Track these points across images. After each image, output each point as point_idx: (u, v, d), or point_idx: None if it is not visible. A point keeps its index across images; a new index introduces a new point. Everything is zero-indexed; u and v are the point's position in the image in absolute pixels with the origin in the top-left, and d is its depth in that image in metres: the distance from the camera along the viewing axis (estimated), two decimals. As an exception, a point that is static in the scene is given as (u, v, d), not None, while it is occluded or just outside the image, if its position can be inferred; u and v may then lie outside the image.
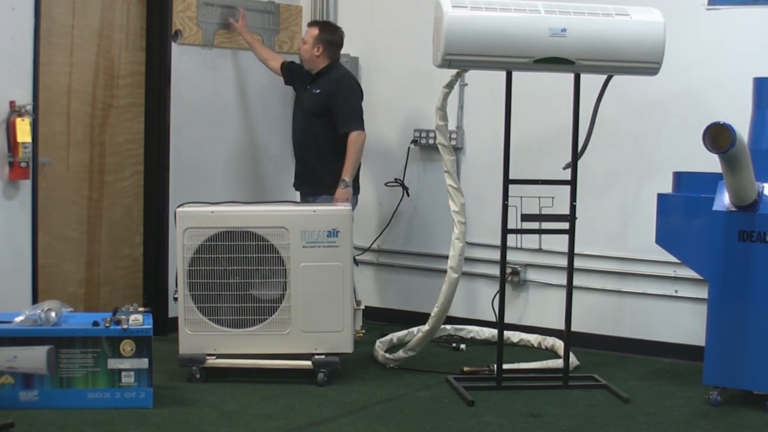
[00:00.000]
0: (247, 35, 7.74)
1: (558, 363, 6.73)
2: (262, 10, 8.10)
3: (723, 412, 6.03)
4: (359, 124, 7.23)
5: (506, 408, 6.03)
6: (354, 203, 7.21)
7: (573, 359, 6.78)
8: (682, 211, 6.43)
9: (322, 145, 7.29)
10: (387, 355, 6.91)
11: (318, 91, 7.28)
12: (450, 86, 6.39)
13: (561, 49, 6.03)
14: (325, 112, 7.24)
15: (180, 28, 7.43)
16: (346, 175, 7.16)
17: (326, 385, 6.34)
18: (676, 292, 7.21)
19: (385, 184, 8.09)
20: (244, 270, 6.36)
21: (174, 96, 7.44)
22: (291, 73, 7.65)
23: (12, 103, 6.28)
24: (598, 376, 6.60)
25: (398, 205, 8.10)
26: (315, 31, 7.35)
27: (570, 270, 6.47)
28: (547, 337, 7.44)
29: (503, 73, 6.25)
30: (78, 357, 5.72)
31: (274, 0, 8.21)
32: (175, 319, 6.47)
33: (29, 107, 6.34)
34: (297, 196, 7.58)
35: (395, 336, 7.35)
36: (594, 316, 7.43)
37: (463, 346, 7.46)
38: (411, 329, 7.38)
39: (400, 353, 6.85)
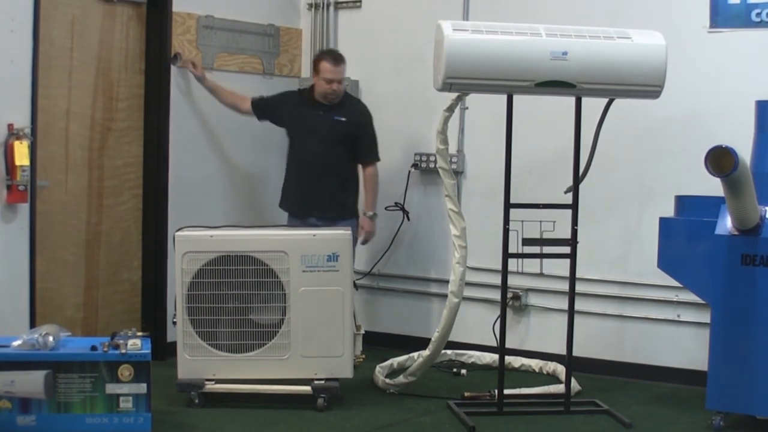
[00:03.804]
0: (208, 81, 7.59)
1: (559, 388, 6.69)
2: (262, 33, 8.10)
3: (726, 437, 6.00)
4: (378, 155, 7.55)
5: (508, 434, 5.99)
6: (354, 227, 7.27)
7: (575, 384, 6.74)
8: (684, 235, 6.41)
9: (342, 171, 7.42)
10: (387, 380, 6.87)
11: (343, 119, 7.35)
12: (451, 110, 6.37)
13: (562, 72, 6.01)
14: (349, 139, 7.37)
15: (179, 50, 7.43)
16: (374, 208, 7.48)
17: (326, 411, 6.30)
18: (678, 316, 7.18)
19: (386, 208, 8.05)
20: (243, 294, 6.32)
21: (173, 119, 7.42)
22: (265, 106, 7.62)
23: (10, 126, 6.25)
24: (600, 402, 6.55)
25: (398, 229, 8.08)
26: (345, 66, 7.42)
27: (571, 294, 6.43)
28: (549, 362, 7.40)
29: (504, 97, 6.23)
30: (76, 381, 5.67)
31: (274, 23, 8.21)
32: (174, 344, 6.43)
33: (27, 130, 6.32)
34: (284, 219, 7.59)
35: (395, 361, 7.31)
36: (596, 340, 7.38)
37: (464, 371, 7.42)
38: (411, 354, 7.34)
39: (401, 378, 6.81)
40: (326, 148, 7.34)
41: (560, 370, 7.12)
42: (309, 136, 7.39)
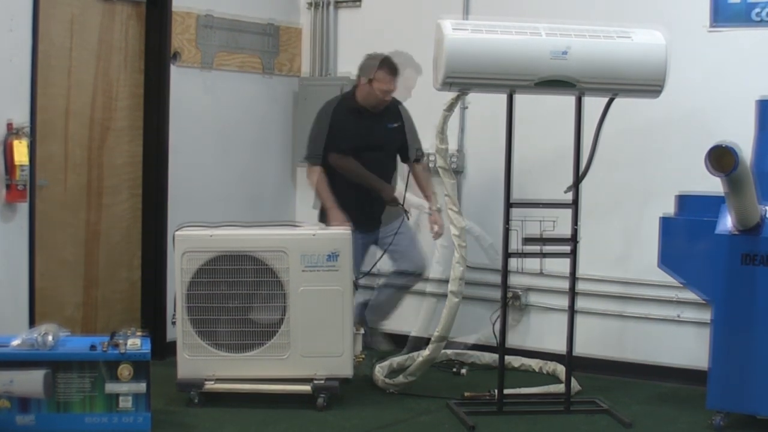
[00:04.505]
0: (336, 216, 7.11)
1: (559, 387, 6.68)
2: (261, 32, 8.08)
3: (727, 437, 5.99)
4: None
5: (508, 433, 5.98)
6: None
7: (575, 384, 6.72)
8: (684, 234, 6.39)
9: (394, 179, 7.37)
10: (387, 379, 6.85)
11: (396, 125, 7.30)
12: (450, 109, 6.35)
13: (563, 70, 6.00)
14: (401, 144, 7.34)
15: (179, 49, 7.41)
16: (437, 203, 7.33)
17: (326, 410, 6.28)
18: (678, 315, 7.17)
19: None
20: (242, 294, 6.31)
21: (173, 118, 7.41)
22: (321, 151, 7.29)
23: (9, 125, 6.24)
24: (600, 401, 6.54)
25: (398, 228, 8.04)
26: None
27: (572, 293, 6.42)
28: (549, 362, 7.38)
29: (504, 96, 6.22)
30: (75, 381, 5.66)
31: (273, 22, 8.19)
32: (174, 343, 6.42)
33: (27, 129, 6.31)
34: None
35: (395, 360, 7.29)
36: (596, 339, 7.37)
37: (463, 370, 7.40)
38: (411, 354, 7.32)
39: (400, 378, 6.79)
40: (389, 159, 7.32)
41: (560, 369, 7.10)
42: (371, 148, 7.24)
